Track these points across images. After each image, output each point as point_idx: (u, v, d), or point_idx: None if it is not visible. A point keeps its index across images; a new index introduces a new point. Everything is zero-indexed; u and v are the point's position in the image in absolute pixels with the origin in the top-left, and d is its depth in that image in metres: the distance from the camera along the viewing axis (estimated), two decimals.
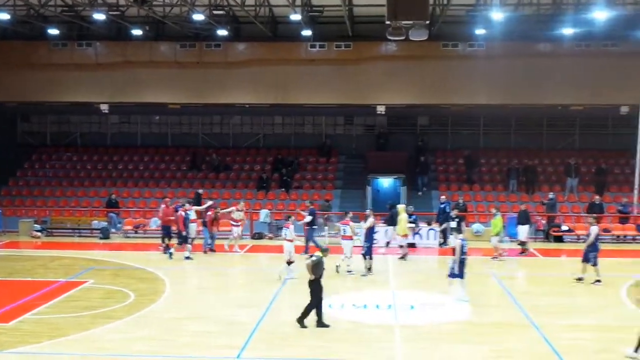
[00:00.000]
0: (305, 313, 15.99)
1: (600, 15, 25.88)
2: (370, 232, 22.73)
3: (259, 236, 30.32)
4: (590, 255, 21.11)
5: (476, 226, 30.48)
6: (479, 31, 30.42)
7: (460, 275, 18.41)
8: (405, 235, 25.45)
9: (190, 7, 27.47)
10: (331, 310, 17.77)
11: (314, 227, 26.32)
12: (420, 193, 34.50)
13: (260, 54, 33.36)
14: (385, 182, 36.36)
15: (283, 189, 34.79)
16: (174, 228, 26.09)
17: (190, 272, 23.56)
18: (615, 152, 36.06)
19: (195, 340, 15.07)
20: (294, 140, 38.90)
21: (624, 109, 32.15)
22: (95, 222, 31.88)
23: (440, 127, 38.40)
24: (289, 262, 21.21)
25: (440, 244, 28.29)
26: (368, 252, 22.36)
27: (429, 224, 29.33)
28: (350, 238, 22.35)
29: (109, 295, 19.43)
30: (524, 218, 27.56)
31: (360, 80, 32.79)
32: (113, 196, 32.89)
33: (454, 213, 27.70)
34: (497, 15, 27.65)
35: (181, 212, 25.66)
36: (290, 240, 21.63)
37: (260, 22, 30.29)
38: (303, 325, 15.86)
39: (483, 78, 32.11)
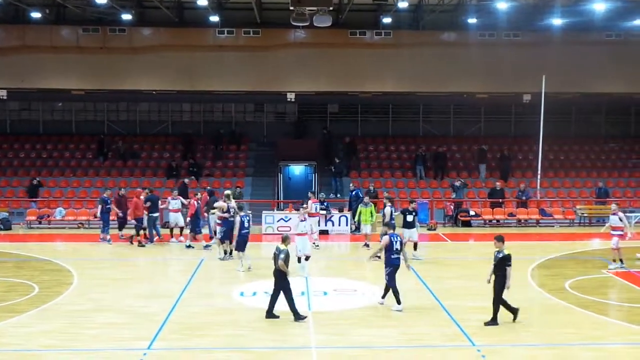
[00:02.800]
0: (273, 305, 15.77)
1: (502, 5, 26.64)
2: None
3: (168, 225, 29.70)
4: None
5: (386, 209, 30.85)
6: (386, 20, 30.82)
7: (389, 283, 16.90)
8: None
9: None
10: (243, 298, 17.71)
11: (153, 214, 25.77)
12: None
13: (167, 40, 32.71)
14: (297, 170, 36.43)
15: (193, 177, 34.27)
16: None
17: (99, 263, 22.83)
18: (520, 139, 37.23)
19: (103, 333, 14.65)
20: (203, 127, 38.39)
21: (527, 97, 33.26)
22: None
23: (350, 115, 38.72)
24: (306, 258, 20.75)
25: (352, 231, 28.52)
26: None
27: (341, 210, 29.54)
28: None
29: (11, 288, 18.70)
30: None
31: (269, 68, 32.68)
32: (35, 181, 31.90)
33: (388, 207, 27.07)
34: (403, 4, 28.10)
35: (193, 202, 25.04)
36: (304, 234, 21.02)
37: (166, 7, 29.72)
38: (274, 316, 15.64)
39: (390, 66, 32.55)
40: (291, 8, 19.84)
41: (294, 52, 32.78)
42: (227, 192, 23.38)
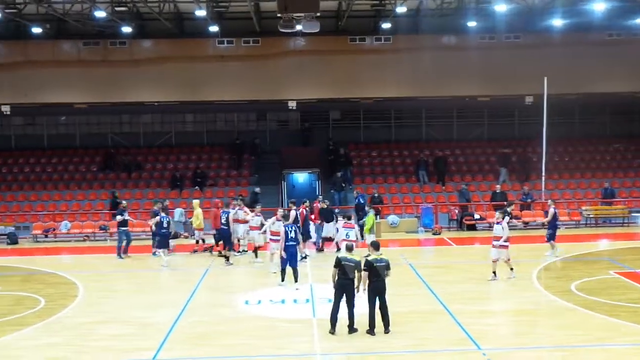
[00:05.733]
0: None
1: (502, 7, 26.65)
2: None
3: (174, 235, 29.72)
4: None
5: (391, 217, 30.97)
6: (385, 25, 30.87)
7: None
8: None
9: (92, 4, 26.70)
10: (248, 306, 17.70)
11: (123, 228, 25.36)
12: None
13: (167, 51, 32.83)
14: (301, 177, 36.47)
15: (197, 187, 34.38)
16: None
17: (105, 275, 22.96)
18: (524, 141, 37.15)
19: (108, 344, 14.67)
20: (207, 138, 38.53)
21: (529, 99, 33.21)
22: (2, 227, 30.76)
23: (352, 121, 38.80)
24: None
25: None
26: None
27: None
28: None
29: (18, 301, 18.74)
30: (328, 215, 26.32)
31: (270, 76, 32.76)
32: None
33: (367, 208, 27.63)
34: (402, 9, 28.14)
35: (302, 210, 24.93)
36: (354, 241, 21.00)
37: (165, 18, 29.81)
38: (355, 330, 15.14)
39: (391, 71, 32.58)
40: (278, 15, 19.91)
41: (294, 60, 32.84)
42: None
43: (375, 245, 15.55)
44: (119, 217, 25.38)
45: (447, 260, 24.64)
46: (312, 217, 26.28)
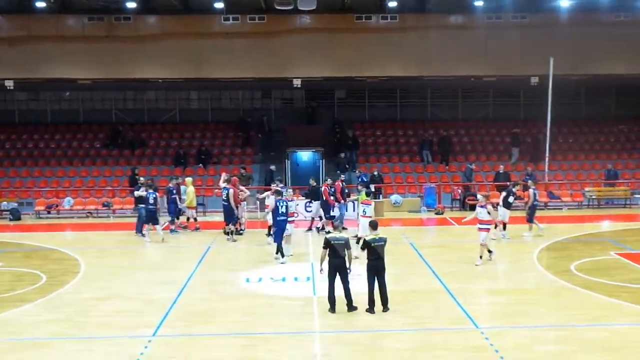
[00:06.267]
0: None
1: None
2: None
3: (179, 212, 29.71)
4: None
5: (394, 197, 31.02)
6: (392, 3, 30.67)
7: None
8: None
9: None
10: (249, 284, 17.80)
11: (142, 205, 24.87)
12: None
13: (172, 27, 32.58)
14: (305, 156, 36.43)
15: (201, 165, 34.42)
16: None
17: (107, 251, 23.08)
18: (530, 122, 36.93)
19: (109, 320, 14.79)
20: (211, 115, 38.52)
21: (534, 80, 32.98)
22: (5, 203, 30.86)
23: (358, 100, 38.73)
24: (359, 239, 20.75)
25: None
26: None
27: (348, 195, 29.50)
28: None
29: (19, 278, 18.86)
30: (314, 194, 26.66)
31: (275, 54, 32.49)
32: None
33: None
34: None
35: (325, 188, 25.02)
36: (370, 217, 20.95)
37: None
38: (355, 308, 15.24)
39: (397, 50, 32.29)
40: None
41: (300, 38, 32.57)
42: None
43: (374, 225, 15.61)
44: (137, 193, 25.39)
45: (449, 239, 24.70)
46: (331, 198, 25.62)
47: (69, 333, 14.05)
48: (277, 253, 20.40)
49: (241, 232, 25.04)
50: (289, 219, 20.97)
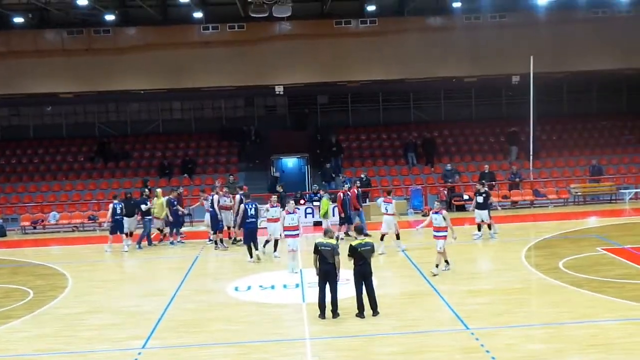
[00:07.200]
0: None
1: None
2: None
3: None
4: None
5: (380, 200, 30.95)
6: (370, 7, 30.82)
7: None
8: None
9: None
10: (238, 293, 17.78)
11: (148, 217, 25.29)
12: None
13: (152, 38, 32.55)
14: (290, 162, 36.45)
15: (186, 175, 34.38)
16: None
17: (94, 265, 22.95)
18: (513, 121, 36.91)
19: (98, 334, 14.74)
20: (194, 125, 38.52)
21: (515, 78, 33.13)
22: None
23: (340, 105, 38.86)
24: (383, 236, 21.78)
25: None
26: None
27: (334, 201, 29.56)
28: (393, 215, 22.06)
29: (6, 294, 18.76)
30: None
31: (256, 61, 32.53)
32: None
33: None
34: None
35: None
36: (392, 214, 21.77)
37: (149, 5, 29.64)
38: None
39: (377, 54, 32.36)
40: (249, 0, 19.86)
41: (281, 45, 32.59)
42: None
43: (359, 229, 15.78)
44: (143, 207, 25.25)
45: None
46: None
47: (58, 348, 13.99)
48: (251, 257, 21.09)
49: (238, 241, 24.60)
50: (293, 233, 19.94)
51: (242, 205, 21.72)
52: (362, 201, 25.97)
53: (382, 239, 21.87)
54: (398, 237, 22.27)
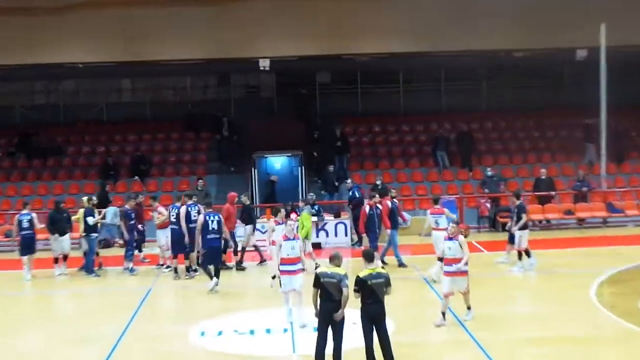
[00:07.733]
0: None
1: None
2: None
3: (105, 243, 29.40)
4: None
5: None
6: None
7: None
8: None
9: None
10: (204, 339, 17.51)
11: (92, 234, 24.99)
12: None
13: None
14: (277, 162, 36.17)
15: (137, 177, 34.12)
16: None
17: (12, 299, 22.82)
18: (576, 109, 36.70)
19: None
20: (150, 110, 38.34)
21: (581, 53, 32.86)
22: None
23: (347, 86, 38.71)
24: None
25: (354, 244, 28.29)
26: None
27: (337, 215, 29.34)
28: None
29: None
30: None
31: (235, 26, 32.28)
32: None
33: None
34: None
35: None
36: (444, 229, 21.18)
37: None
38: None
39: (397, 18, 32.08)
40: None
41: (266, 4, 32.32)
42: None
43: (369, 256, 15.05)
44: (90, 220, 24.68)
45: (476, 271, 24.18)
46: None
47: None
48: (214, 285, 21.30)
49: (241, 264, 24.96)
50: (291, 268, 18.56)
51: (200, 217, 22.11)
52: (398, 217, 25.47)
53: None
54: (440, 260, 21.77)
